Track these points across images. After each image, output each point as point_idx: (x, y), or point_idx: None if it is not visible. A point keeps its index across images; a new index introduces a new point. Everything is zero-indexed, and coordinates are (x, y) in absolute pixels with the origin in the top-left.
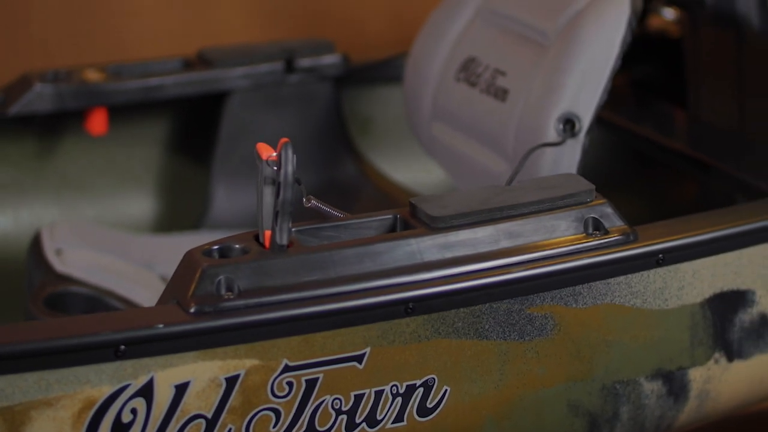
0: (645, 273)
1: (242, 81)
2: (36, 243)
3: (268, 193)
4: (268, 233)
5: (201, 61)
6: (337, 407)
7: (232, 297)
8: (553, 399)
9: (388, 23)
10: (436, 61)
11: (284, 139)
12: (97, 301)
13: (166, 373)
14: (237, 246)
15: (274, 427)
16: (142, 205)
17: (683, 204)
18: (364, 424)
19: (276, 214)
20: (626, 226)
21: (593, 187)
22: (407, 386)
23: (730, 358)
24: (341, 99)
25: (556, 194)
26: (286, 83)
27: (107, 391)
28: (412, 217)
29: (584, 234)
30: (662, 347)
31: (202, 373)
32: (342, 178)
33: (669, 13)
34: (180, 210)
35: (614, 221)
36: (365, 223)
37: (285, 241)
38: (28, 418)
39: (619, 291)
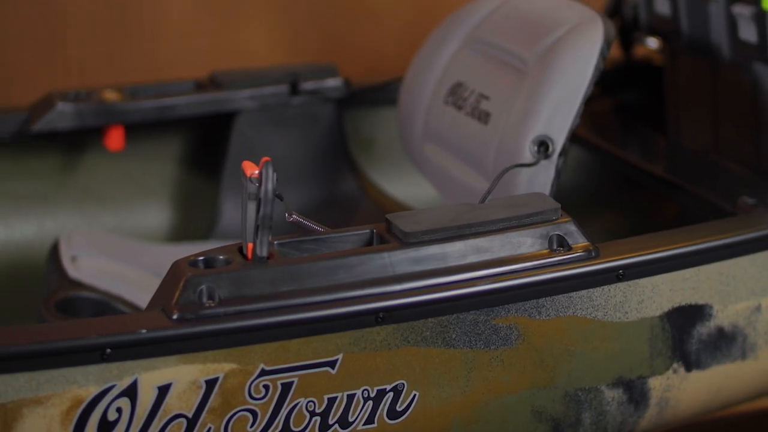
0: (606, 287)
1: (250, 102)
2: (54, 250)
3: (251, 208)
4: (250, 245)
5: (212, 83)
6: (311, 409)
7: (212, 305)
8: (518, 405)
9: (405, 47)
10: (428, 86)
11: (265, 158)
12: (105, 306)
13: (149, 375)
14: (221, 257)
15: (251, 426)
16: (157, 216)
17: (663, 224)
18: (336, 426)
19: (257, 228)
20: (588, 243)
21: (558, 206)
22: (378, 390)
23: (689, 368)
24: (343, 119)
25: (523, 212)
26: (291, 104)
27: (94, 391)
28: (387, 232)
29: (548, 250)
30: (622, 357)
31: (183, 376)
32: (343, 193)
33: (653, 43)
34: (192, 221)
35: (577, 238)
36: (343, 237)
37: (265, 253)
38: (20, 415)
39: (580, 304)
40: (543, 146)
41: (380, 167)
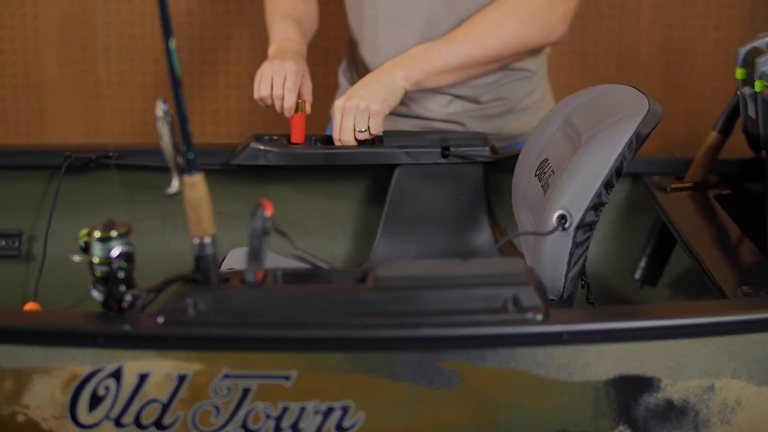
0: (549, 348)
1: (407, 158)
2: (222, 260)
3: None
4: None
5: (379, 139)
6: (267, 413)
7: (192, 315)
8: None
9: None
10: (530, 160)
11: (261, 199)
12: None
13: (132, 364)
14: (226, 278)
15: (214, 419)
16: (338, 243)
17: None
18: (289, 430)
19: (247, 258)
20: (543, 306)
21: (524, 271)
22: (327, 407)
23: None
24: (489, 180)
25: (491, 272)
26: (442, 164)
27: (88, 369)
28: (374, 275)
29: (501, 308)
30: (566, 412)
31: (159, 368)
32: (479, 245)
33: None
34: (357, 248)
35: (533, 302)
36: (339, 274)
37: (251, 280)
38: (31, 380)
39: (523, 360)
40: (563, 219)
41: (514, 223)
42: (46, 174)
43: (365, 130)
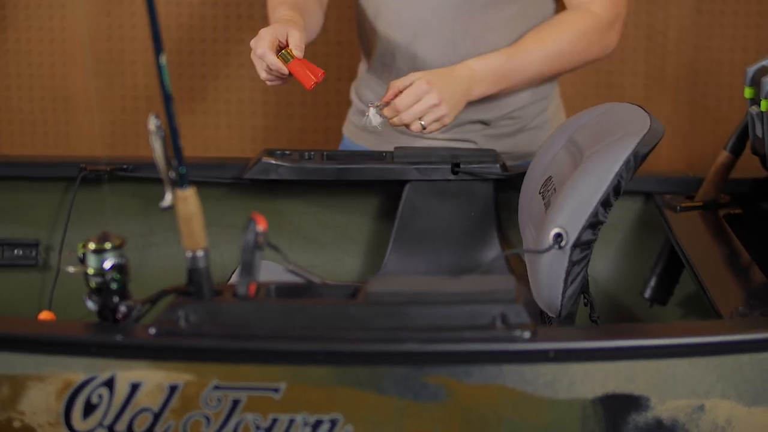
0: (536, 366)
1: (417, 174)
2: (232, 273)
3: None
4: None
5: (391, 155)
6: (257, 424)
7: (183, 327)
8: None
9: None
10: (534, 178)
11: (253, 213)
12: None
13: (124, 373)
14: (221, 291)
15: (205, 429)
16: (351, 258)
17: None
18: None
19: (240, 271)
20: (531, 324)
21: (513, 289)
22: (316, 420)
23: None
24: (499, 197)
25: (480, 289)
26: (452, 180)
27: (82, 377)
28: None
29: (489, 324)
30: (553, 430)
31: (151, 378)
32: (488, 260)
33: None
34: (368, 263)
35: (521, 319)
36: (332, 289)
37: (242, 293)
38: (26, 387)
39: (510, 376)
40: (559, 237)
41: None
42: (63, 185)
43: (425, 126)
